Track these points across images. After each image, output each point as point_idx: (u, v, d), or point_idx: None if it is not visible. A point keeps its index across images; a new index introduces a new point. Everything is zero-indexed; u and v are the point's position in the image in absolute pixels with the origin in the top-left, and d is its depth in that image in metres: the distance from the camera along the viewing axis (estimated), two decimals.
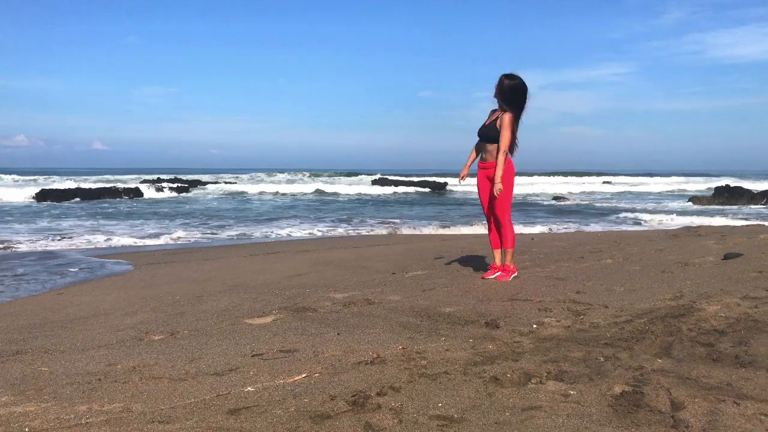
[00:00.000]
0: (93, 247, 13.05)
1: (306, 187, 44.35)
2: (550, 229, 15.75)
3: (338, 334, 4.23)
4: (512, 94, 5.67)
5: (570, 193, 42.99)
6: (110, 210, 24.90)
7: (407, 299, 5.32)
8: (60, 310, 5.81)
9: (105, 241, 13.97)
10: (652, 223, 18.27)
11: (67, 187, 36.09)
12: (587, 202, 32.58)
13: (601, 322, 4.15)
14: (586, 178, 70.37)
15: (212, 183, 52.80)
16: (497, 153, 5.70)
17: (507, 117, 5.66)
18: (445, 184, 46.30)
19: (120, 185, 40.50)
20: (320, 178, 66.16)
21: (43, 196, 31.29)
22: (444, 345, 3.79)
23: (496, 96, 5.76)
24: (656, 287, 5.25)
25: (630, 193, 44.27)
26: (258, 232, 16.08)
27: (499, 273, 6.03)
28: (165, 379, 3.39)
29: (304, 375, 3.33)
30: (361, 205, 29.96)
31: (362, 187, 46.28)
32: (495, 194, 5.72)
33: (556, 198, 35.89)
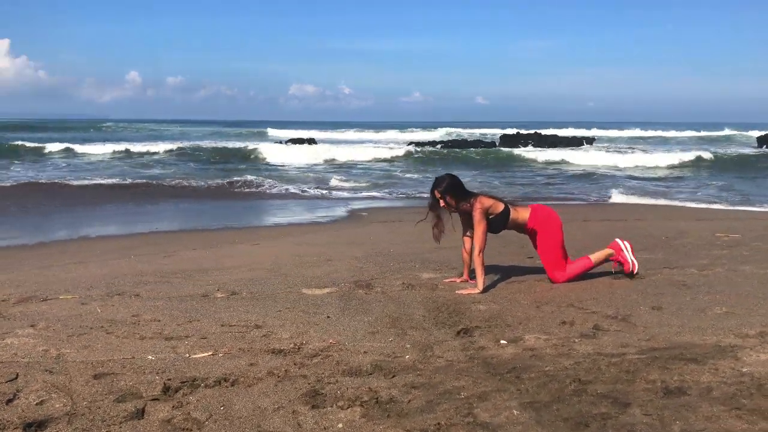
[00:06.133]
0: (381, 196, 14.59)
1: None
2: None
3: (328, 317, 4.29)
4: (454, 189, 5.04)
5: None
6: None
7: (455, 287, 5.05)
8: (220, 260, 6.86)
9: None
10: None
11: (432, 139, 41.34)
12: None
13: (583, 351, 3.41)
14: None
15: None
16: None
17: (477, 212, 4.98)
18: None
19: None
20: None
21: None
22: (377, 347, 3.60)
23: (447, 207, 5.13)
24: (754, 316, 3.99)
25: None
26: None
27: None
28: (139, 336, 3.93)
29: (210, 353, 3.57)
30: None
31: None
32: (463, 294, 4.87)
33: None
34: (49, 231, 10.13)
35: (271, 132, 60.42)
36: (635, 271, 5.19)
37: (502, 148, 34.81)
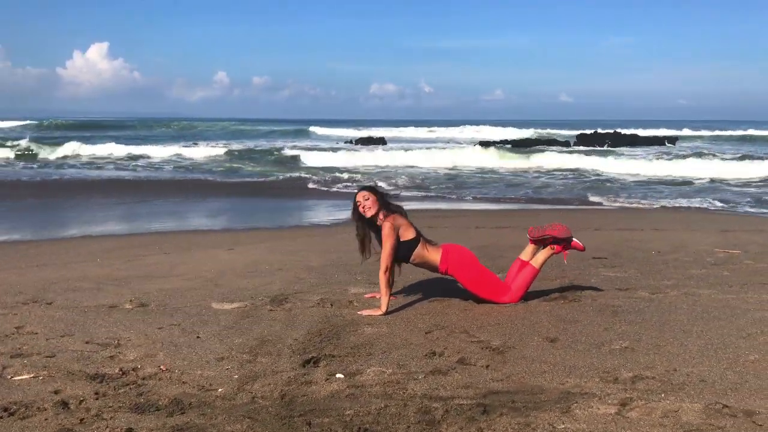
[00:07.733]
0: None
1: None
2: None
3: (198, 337, 4.04)
4: (382, 196, 4.75)
5: None
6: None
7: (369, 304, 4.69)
8: (175, 267, 6.68)
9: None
10: None
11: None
12: None
13: (411, 392, 3.00)
14: None
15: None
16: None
17: (386, 226, 4.57)
18: None
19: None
20: None
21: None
22: (204, 376, 3.32)
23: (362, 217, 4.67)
24: (651, 354, 3.43)
25: None
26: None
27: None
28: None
29: (31, 375, 3.39)
30: None
31: None
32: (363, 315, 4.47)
33: None
34: (60, 228, 10.36)
35: (320, 131, 60.75)
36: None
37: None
